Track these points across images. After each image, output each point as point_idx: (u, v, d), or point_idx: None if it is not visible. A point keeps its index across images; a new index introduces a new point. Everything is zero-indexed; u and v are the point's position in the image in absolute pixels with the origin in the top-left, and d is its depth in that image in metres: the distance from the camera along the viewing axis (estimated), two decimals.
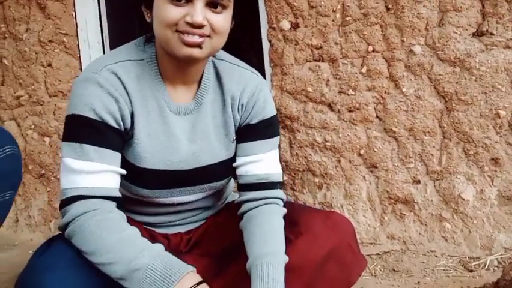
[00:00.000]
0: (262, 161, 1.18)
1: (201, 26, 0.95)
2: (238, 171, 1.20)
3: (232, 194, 1.43)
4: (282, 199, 1.19)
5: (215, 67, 1.16)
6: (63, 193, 0.99)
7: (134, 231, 0.96)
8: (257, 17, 1.89)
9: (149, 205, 1.19)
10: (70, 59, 2.12)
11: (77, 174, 0.98)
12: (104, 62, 1.04)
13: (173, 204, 1.21)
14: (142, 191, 1.13)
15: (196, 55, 0.99)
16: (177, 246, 1.26)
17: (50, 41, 2.08)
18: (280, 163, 1.42)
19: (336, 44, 1.72)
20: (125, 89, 1.04)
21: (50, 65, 2.08)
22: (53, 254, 1.02)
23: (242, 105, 1.16)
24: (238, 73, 1.16)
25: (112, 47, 2.28)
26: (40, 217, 2.11)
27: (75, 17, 2.13)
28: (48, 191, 2.09)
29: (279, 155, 1.40)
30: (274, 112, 1.22)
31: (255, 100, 1.17)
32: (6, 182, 0.91)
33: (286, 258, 1.06)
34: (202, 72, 1.13)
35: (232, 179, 1.32)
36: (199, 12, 0.94)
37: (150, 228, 1.25)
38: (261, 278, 1.01)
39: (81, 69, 2.14)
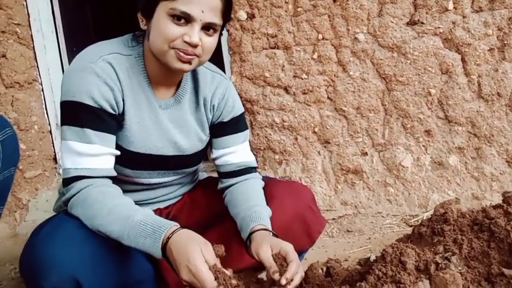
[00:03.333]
0: (237, 152, 1.33)
1: (196, 46, 1.06)
2: (218, 162, 1.35)
3: (202, 173, 1.56)
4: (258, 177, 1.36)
5: (192, 70, 1.27)
6: (67, 172, 1.08)
7: (130, 200, 1.08)
8: None
9: (129, 183, 1.30)
10: (24, 49, 2.10)
11: (80, 156, 1.07)
12: (99, 53, 1.11)
13: (150, 184, 1.33)
14: (124, 170, 1.23)
15: (186, 69, 1.11)
16: None
17: (2, 32, 2.04)
18: None
19: (289, 32, 1.88)
20: (118, 78, 1.13)
21: (4, 56, 2.05)
22: (54, 225, 1.11)
23: (214, 106, 1.30)
24: (210, 77, 1.29)
25: (66, 36, 2.27)
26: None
27: (26, 7, 2.10)
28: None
29: None
30: (242, 110, 1.37)
31: (225, 101, 1.31)
32: (10, 159, 1.00)
33: (270, 211, 1.23)
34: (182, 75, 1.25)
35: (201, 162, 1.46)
36: (196, 34, 1.05)
37: None
38: (253, 221, 1.17)
39: (36, 59, 2.13)
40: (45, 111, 2.15)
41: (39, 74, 2.14)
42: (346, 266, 1.21)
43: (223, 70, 1.90)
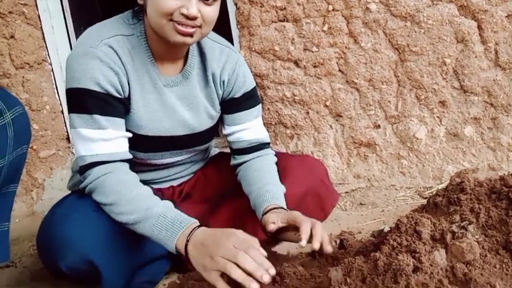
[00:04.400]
0: (250, 128, 1.32)
1: (194, 18, 1.02)
2: (230, 139, 1.33)
3: (213, 149, 1.56)
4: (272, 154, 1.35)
5: (198, 43, 1.23)
6: (82, 159, 1.07)
7: (148, 189, 1.08)
8: None
9: (141, 165, 1.30)
10: (32, 29, 2.09)
11: (94, 142, 1.06)
12: (100, 37, 1.09)
13: (163, 164, 1.33)
14: (136, 153, 1.23)
15: (188, 42, 1.08)
16: (170, 198, 1.39)
17: (10, 12, 2.03)
18: None
19: (298, 4, 1.83)
20: (121, 61, 1.11)
21: (12, 36, 2.05)
22: (69, 205, 1.12)
23: (224, 81, 1.27)
24: (218, 50, 1.25)
25: (73, 15, 2.25)
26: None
27: None
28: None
29: None
30: (253, 84, 1.34)
31: (236, 76, 1.27)
32: (22, 137, 1.01)
33: (284, 188, 1.23)
34: (188, 49, 1.22)
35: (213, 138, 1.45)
36: (194, 5, 1.01)
37: None
38: (266, 201, 1.16)
39: (44, 39, 2.12)
40: (56, 91, 2.16)
41: (48, 54, 2.14)
42: (360, 238, 1.21)
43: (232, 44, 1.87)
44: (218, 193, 1.40)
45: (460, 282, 0.71)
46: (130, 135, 1.14)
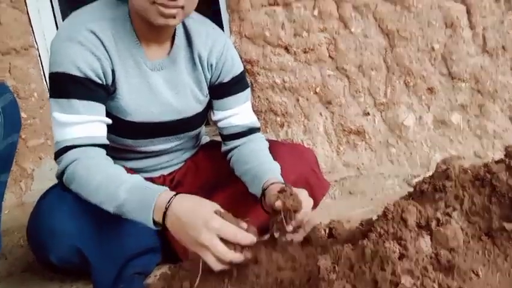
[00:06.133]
0: (240, 113, 1.31)
1: None
2: (220, 124, 1.32)
3: (204, 137, 1.55)
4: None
5: (184, 25, 1.22)
6: (56, 145, 1.07)
7: (115, 169, 1.05)
8: None
9: (131, 152, 1.29)
10: (18, 13, 2.04)
11: (66, 127, 1.05)
12: (82, 22, 1.08)
13: (153, 151, 1.32)
14: (125, 141, 1.22)
15: (171, 24, 1.06)
16: None
17: None
18: None
19: None
20: (104, 47, 1.09)
21: None
22: (55, 197, 1.11)
23: (211, 65, 1.25)
24: (205, 32, 1.23)
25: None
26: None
27: None
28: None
29: None
30: (242, 68, 1.33)
31: (224, 60, 1.26)
32: (12, 125, 0.99)
33: (279, 167, 1.23)
34: (174, 30, 1.20)
35: (203, 125, 1.44)
36: None
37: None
38: (267, 173, 1.16)
39: (31, 24, 2.08)
40: (43, 78, 2.12)
41: (35, 39, 2.10)
42: (348, 227, 1.22)
43: (222, 29, 1.85)
44: (209, 181, 1.40)
45: (444, 268, 0.72)
46: (109, 121, 1.13)
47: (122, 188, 0.98)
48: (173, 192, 0.96)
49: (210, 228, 0.87)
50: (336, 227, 1.14)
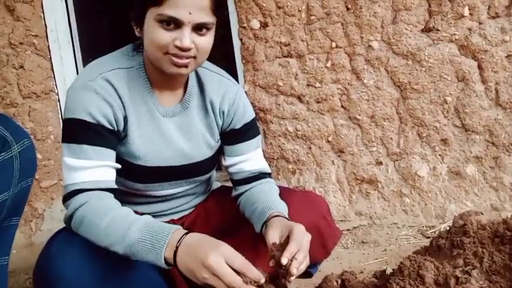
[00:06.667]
0: (251, 159, 1.32)
1: (188, 49, 1.04)
2: (231, 170, 1.33)
3: (215, 183, 1.56)
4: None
5: (197, 74, 1.26)
6: (65, 189, 1.08)
7: (123, 210, 1.04)
8: (227, 17, 2.00)
9: (141, 197, 1.29)
10: (41, 60, 2.13)
11: (76, 171, 1.06)
12: (98, 71, 1.12)
13: (163, 195, 1.32)
14: (135, 185, 1.22)
15: (183, 73, 1.10)
16: None
17: (20, 43, 2.08)
18: None
19: (302, 41, 1.88)
20: (118, 95, 1.13)
21: (22, 67, 2.09)
22: (64, 240, 1.10)
23: (223, 112, 1.28)
24: (217, 81, 1.27)
25: (82, 46, 2.31)
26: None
27: (44, 18, 2.14)
28: None
29: None
30: (253, 115, 1.36)
31: (236, 107, 1.29)
32: (28, 170, 1.00)
33: (285, 206, 1.21)
34: (187, 78, 1.24)
35: (214, 170, 1.45)
36: (187, 37, 1.03)
37: None
38: (270, 209, 1.15)
39: (53, 70, 2.16)
40: (61, 121, 2.18)
41: (56, 84, 2.18)
42: (361, 279, 1.18)
43: (236, 79, 1.90)
44: (219, 227, 1.38)
45: None
46: (118, 166, 1.14)
47: (133, 228, 0.97)
48: (186, 231, 0.96)
49: (219, 252, 0.87)
50: (349, 278, 1.11)
